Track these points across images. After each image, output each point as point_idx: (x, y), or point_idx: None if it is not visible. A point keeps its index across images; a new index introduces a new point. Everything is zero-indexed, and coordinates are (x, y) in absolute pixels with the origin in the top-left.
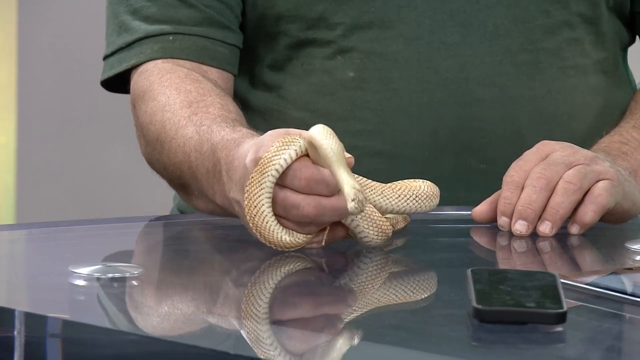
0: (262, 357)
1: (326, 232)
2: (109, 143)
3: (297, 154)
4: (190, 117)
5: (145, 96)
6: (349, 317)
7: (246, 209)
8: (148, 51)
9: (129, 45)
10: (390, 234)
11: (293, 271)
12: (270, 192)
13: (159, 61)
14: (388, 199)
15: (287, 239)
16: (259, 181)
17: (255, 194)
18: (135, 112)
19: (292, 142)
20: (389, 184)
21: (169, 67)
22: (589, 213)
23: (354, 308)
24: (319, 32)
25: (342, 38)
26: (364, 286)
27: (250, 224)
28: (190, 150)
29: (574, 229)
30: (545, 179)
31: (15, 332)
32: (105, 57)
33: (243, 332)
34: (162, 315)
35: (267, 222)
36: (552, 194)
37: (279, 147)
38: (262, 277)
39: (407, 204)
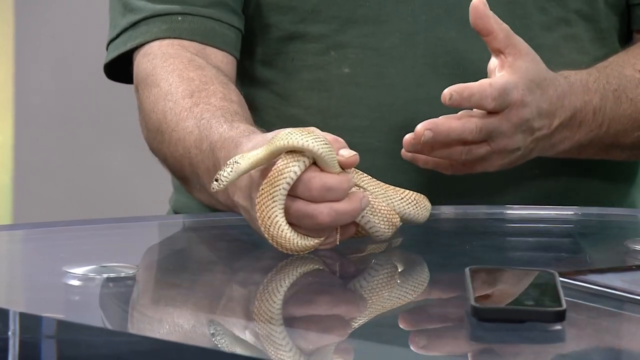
0: (276, 358)
1: (339, 230)
2: (106, 143)
3: (305, 165)
4: (191, 109)
5: (148, 80)
6: (345, 317)
7: (260, 221)
8: (155, 30)
9: (135, 24)
10: (398, 226)
11: (287, 269)
12: (282, 203)
13: (165, 42)
14: (390, 199)
15: (304, 243)
16: (270, 194)
17: (268, 206)
18: (138, 96)
19: (300, 153)
20: (390, 186)
21: (173, 52)
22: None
23: (350, 308)
24: (311, 26)
25: (337, 33)
26: (361, 285)
27: (266, 235)
28: (190, 146)
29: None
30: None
31: (10, 333)
32: (110, 42)
33: (238, 332)
34: (158, 315)
35: (282, 231)
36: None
37: (289, 159)
38: (254, 277)
39: (408, 208)
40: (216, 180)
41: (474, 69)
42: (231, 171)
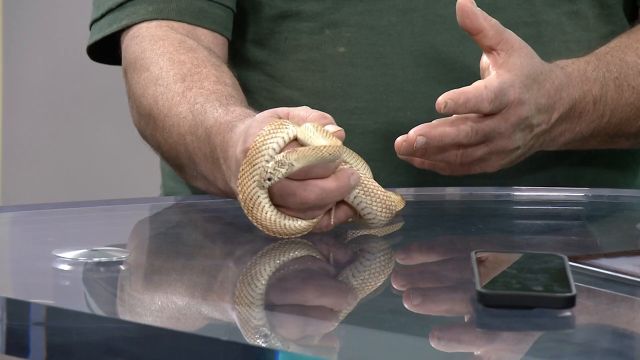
0: (251, 343)
1: (332, 213)
2: (97, 123)
3: (285, 141)
4: (184, 93)
5: (137, 64)
6: (345, 304)
7: (242, 202)
8: (142, 11)
9: (121, 5)
10: (395, 212)
11: (273, 253)
12: None
13: (152, 24)
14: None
15: (291, 225)
16: (250, 172)
17: (249, 187)
18: (127, 80)
19: (280, 128)
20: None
21: (162, 34)
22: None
23: (351, 294)
24: (304, 3)
25: (331, 10)
26: (361, 270)
27: (250, 217)
28: (185, 132)
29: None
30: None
31: None
32: (93, 22)
33: (235, 318)
34: (151, 301)
35: (266, 213)
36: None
37: (266, 135)
38: (249, 261)
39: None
40: (269, 180)
41: (475, 47)
42: (286, 172)
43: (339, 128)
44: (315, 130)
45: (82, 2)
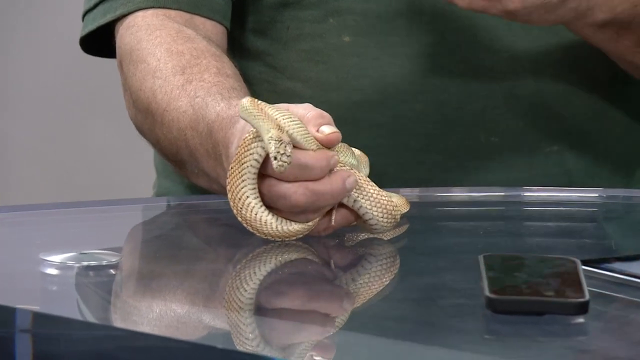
0: (241, 349)
1: (333, 216)
2: (93, 122)
3: None
4: (184, 86)
5: (133, 56)
6: (324, 311)
7: (231, 203)
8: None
9: None
10: (399, 218)
11: (286, 259)
12: (253, 182)
13: (148, 13)
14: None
15: (282, 228)
16: (239, 172)
17: (238, 186)
18: (122, 73)
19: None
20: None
21: (159, 23)
22: None
23: (353, 299)
24: None
25: None
26: (365, 273)
27: (239, 218)
28: (185, 127)
29: None
30: None
31: None
32: (86, 13)
33: (226, 324)
34: (142, 307)
35: (256, 214)
36: None
37: (255, 132)
38: (249, 266)
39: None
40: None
41: (485, 33)
42: (290, 154)
43: (335, 130)
44: (305, 133)
45: (77, 2)
